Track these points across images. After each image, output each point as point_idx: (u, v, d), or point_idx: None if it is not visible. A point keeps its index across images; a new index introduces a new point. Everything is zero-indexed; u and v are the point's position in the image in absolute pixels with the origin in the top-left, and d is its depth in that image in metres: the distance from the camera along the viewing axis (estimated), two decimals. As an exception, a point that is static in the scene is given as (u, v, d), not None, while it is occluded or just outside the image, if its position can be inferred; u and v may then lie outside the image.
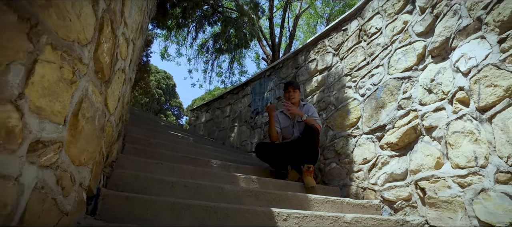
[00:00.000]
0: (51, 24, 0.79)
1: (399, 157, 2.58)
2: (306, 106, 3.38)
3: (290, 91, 3.36)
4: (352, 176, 3.00)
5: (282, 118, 3.41)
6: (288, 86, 3.39)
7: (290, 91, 3.36)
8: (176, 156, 2.90)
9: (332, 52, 3.82)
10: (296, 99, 3.36)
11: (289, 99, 3.36)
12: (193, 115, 6.99)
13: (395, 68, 2.84)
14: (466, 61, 2.13)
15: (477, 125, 1.98)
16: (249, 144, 4.93)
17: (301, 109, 3.31)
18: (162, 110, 20.90)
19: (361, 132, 3.04)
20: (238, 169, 3.08)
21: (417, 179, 2.35)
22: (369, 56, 3.22)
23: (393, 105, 2.75)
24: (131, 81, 2.61)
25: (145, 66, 10.41)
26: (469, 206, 1.93)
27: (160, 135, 3.69)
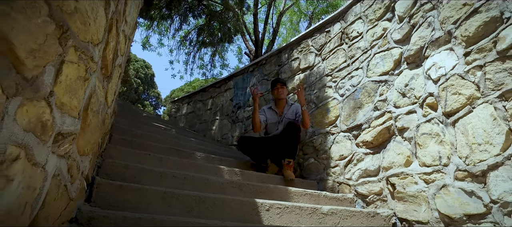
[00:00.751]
0: (75, 28, 0.88)
1: (373, 154, 2.79)
2: (294, 106, 3.53)
3: (278, 88, 3.49)
4: (329, 171, 3.19)
5: (270, 113, 3.54)
6: (276, 83, 3.53)
7: (278, 88, 3.49)
8: (162, 147, 2.98)
9: (315, 52, 3.98)
10: (284, 95, 3.51)
11: (278, 95, 3.50)
12: (174, 107, 7.01)
13: (373, 72, 3.04)
14: (436, 69, 2.34)
15: (442, 128, 2.19)
16: (230, 137, 5.05)
17: (289, 109, 3.48)
18: (140, 100, 20.56)
19: (339, 130, 3.23)
20: (221, 162, 3.20)
21: (388, 175, 2.56)
22: (349, 58, 3.41)
23: (370, 106, 2.94)
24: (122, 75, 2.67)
25: (125, 54, 10.21)
26: (432, 200, 2.15)
27: (144, 126, 3.74)
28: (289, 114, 3.48)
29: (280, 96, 3.49)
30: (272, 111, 3.57)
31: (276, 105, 3.58)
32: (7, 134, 0.63)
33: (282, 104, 3.55)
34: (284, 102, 3.55)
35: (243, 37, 9.39)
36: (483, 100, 1.96)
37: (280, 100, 3.53)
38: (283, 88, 3.50)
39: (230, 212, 1.94)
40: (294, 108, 3.51)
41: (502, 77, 1.87)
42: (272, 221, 2.03)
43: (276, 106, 3.57)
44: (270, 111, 3.58)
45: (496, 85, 1.90)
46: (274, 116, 3.53)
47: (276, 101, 3.58)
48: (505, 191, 1.73)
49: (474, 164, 1.93)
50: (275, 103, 3.59)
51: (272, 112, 3.57)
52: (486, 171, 1.85)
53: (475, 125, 1.97)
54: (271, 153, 3.33)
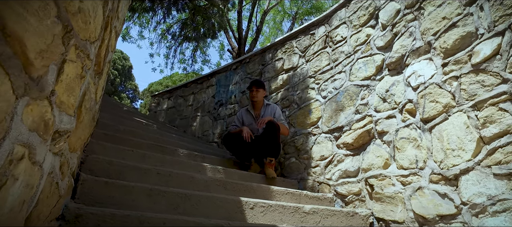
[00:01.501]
0: (77, 28, 0.88)
1: (353, 156, 2.89)
2: (271, 107, 3.55)
3: (253, 91, 3.50)
4: (310, 171, 3.27)
5: (246, 116, 3.60)
6: (252, 86, 3.53)
7: (253, 91, 3.50)
8: (144, 143, 2.96)
9: (299, 54, 4.05)
10: (259, 98, 3.51)
11: (252, 98, 3.54)
12: (154, 101, 6.91)
13: (355, 76, 3.14)
14: (416, 77, 2.45)
15: (420, 133, 2.31)
16: (211, 134, 5.06)
17: (266, 109, 3.52)
18: (116, 92, 20.03)
19: (321, 131, 3.32)
20: (204, 159, 3.21)
21: (367, 176, 2.66)
22: (333, 61, 3.50)
23: (351, 109, 3.04)
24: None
25: (103, 45, 9.92)
26: (408, 201, 2.27)
27: (126, 121, 3.68)
28: (266, 115, 3.49)
29: (254, 99, 3.53)
30: (248, 114, 3.62)
31: (253, 107, 3.60)
32: (15, 134, 0.63)
33: (259, 106, 3.58)
34: (260, 103, 3.57)
35: (226, 34, 9.35)
36: (458, 109, 2.08)
37: (255, 102, 3.56)
38: (259, 91, 3.50)
39: (215, 209, 1.97)
40: (271, 108, 3.54)
41: (476, 88, 2.00)
42: (256, 219, 2.08)
43: (253, 108, 3.60)
44: (247, 113, 3.62)
45: (470, 96, 2.02)
46: (250, 119, 3.58)
47: (252, 103, 3.61)
48: (474, 194, 1.86)
49: (448, 168, 2.05)
50: (252, 105, 3.63)
51: (248, 114, 3.61)
52: (458, 175, 1.98)
53: (450, 132, 2.09)
54: (254, 153, 3.37)
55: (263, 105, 3.56)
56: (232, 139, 3.42)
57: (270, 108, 3.54)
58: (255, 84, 3.53)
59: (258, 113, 3.56)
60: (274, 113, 3.49)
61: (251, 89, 3.53)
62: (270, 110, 3.52)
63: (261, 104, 3.58)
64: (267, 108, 3.54)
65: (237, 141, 3.39)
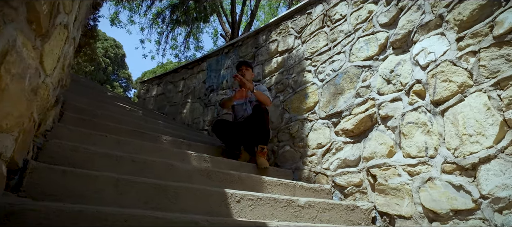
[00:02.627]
0: None
1: (353, 144, 2.63)
2: (258, 87, 3.36)
3: (243, 69, 3.32)
4: (305, 160, 3.01)
5: None
6: (241, 65, 3.37)
7: (242, 69, 3.33)
8: (123, 129, 2.67)
9: (295, 35, 3.76)
10: (247, 77, 3.29)
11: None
12: (143, 88, 6.59)
13: (356, 56, 2.85)
14: (425, 55, 2.18)
15: (430, 117, 2.04)
16: (201, 121, 4.77)
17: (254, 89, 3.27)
18: (109, 81, 19.54)
19: (318, 117, 3.05)
20: (190, 147, 2.93)
21: (369, 166, 2.40)
22: (331, 41, 3.21)
23: (352, 93, 2.77)
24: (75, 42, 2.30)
25: (91, 31, 9.54)
26: (416, 194, 2.01)
27: (107, 106, 3.38)
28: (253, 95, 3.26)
29: None
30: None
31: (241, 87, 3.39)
32: None
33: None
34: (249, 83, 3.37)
35: (219, 19, 8.97)
36: (476, 89, 1.81)
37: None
38: (248, 70, 3.33)
39: (195, 203, 1.69)
40: (259, 88, 3.32)
41: (498, 64, 1.73)
42: (243, 214, 1.81)
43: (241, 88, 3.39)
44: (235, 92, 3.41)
45: (491, 73, 1.75)
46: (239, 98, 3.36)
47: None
48: (497, 186, 1.60)
49: (464, 157, 1.79)
50: (240, 85, 3.36)
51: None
52: (477, 164, 1.72)
53: (467, 114, 1.82)
54: (243, 139, 3.10)
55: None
56: (222, 124, 3.16)
57: (258, 87, 3.34)
58: (244, 64, 3.39)
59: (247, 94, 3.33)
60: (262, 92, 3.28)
61: (240, 68, 3.35)
62: (258, 89, 3.29)
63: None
64: (255, 87, 3.30)
65: (226, 126, 3.15)
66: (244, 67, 3.34)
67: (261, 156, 2.86)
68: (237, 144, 3.16)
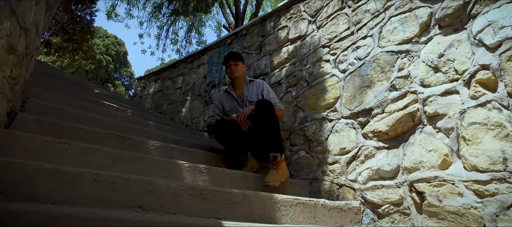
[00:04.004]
0: None
1: (389, 149, 2.06)
2: (257, 83, 2.78)
3: (231, 65, 2.72)
4: (325, 169, 2.45)
5: (227, 100, 2.82)
6: (228, 59, 2.74)
7: (230, 65, 2.72)
8: (99, 133, 2.13)
9: (308, 19, 3.19)
10: (239, 72, 2.73)
11: (230, 75, 2.75)
12: (139, 85, 6.07)
13: (388, 40, 2.29)
14: (495, 31, 1.60)
15: (509, 116, 1.47)
16: (201, 121, 4.23)
17: (249, 88, 2.75)
18: (111, 79, 19.07)
19: (340, 116, 2.49)
20: (183, 154, 2.40)
21: (413, 179, 1.84)
22: (354, 24, 2.64)
23: (384, 85, 2.20)
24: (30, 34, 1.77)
25: (88, 26, 9.08)
26: (491, 223, 1.44)
27: (89, 105, 2.86)
28: (251, 94, 2.73)
29: (233, 75, 2.73)
30: (228, 96, 2.83)
31: (233, 87, 2.82)
32: None
33: (240, 84, 2.80)
34: (242, 80, 2.79)
35: (222, 9, 8.38)
36: None
37: (235, 80, 2.78)
38: (237, 65, 2.72)
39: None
40: (256, 85, 2.76)
41: None
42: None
43: (233, 88, 2.82)
44: (227, 96, 2.84)
45: None
46: (231, 102, 2.79)
47: (232, 82, 2.83)
48: None
49: None
50: (232, 85, 2.84)
51: (228, 97, 2.83)
52: None
53: None
54: (250, 143, 2.54)
55: (245, 83, 2.79)
56: (223, 125, 2.56)
57: (254, 85, 2.77)
58: (232, 57, 2.74)
59: (240, 93, 2.78)
60: (261, 91, 2.72)
61: (227, 64, 2.74)
62: (255, 87, 2.75)
63: (243, 81, 2.80)
64: (250, 85, 2.78)
65: (227, 127, 2.53)
66: (232, 61, 2.72)
67: (274, 169, 2.24)
68: (242, 149, 2.57)
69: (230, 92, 2.81)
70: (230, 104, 2.77)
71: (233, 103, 2.76)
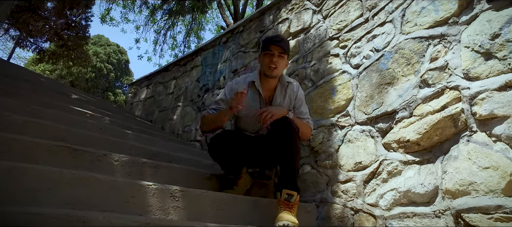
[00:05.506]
0: None
1: (421, 165, 1.56)
2: (292, 89, 1.99)
3: (274, 54, 1.86)
4: (336, 189, 1.94)
5: (250, 95, 1.98)
6: (272, 44, 1.87)
7: (274, 54, 1.86)
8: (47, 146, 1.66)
9: (312, 9, 2.72)
10: (279, 70, 1.91)
11: (269, 69, 1.88)
12: (131, 91, 5.63)
13: (415, 24, 1.80)
14: None
15: None
16: (193, 130, 3.74)
17: (283, 93, 1.98)
18: (111, 88, 18.74)
19: (353, 121, 1.99)
20: (156, 171, 1.91)
21: (460, 208, 1.33)
22: (368, 10, 2.16)
23: (411, 81, 1.71)
24: None
25: (83, 31, 8.73)
26: None
27: (49, 111, 2.40)
28: (283, 103, 1.98)
29: (272, 73, 1.88)
30: (252, 91, 2.00)
31: (263, 82, 1.98)
32: None
33: (273, 84, 1.98)
34: (276, 81, 1.98)
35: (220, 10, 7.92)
36: None
37: (270, 78, 1.94)
38: (283, 58, 1.89)
39: None
40: (291, 91, 1.98)
41: None
42: None
43: (262, 83, 1.98)
44: (250, 90, 1.99)
45: None
46: (254, 100, 1.98)
47: (263, 77, 1.98)
48: None
49: None
50: (260, 78, 2.00)
51: (252, 92, 2.00)
52: None
53: None
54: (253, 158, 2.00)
55: (280, 83, 1.99)
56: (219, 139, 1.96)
57: (289, 90, 1.98)
58: (277, 42, 1.86)
59: (270, 95, 2.00)
60: (294, 100, 1.99)
61: (268, 50, 1.88)
62: (289, 94, 1.98)
63: (277, 81, 1.98)
64: (285, 90, 1.99)
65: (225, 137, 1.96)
66: (276, 48, 1.85)
67: (286, 210, 1.59)
68: (237, 164, 2.01)
69: (257, 87, 1.96)
70: (251, 102, 1.96)
71: (255, 102, 1.97)
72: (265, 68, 1.90)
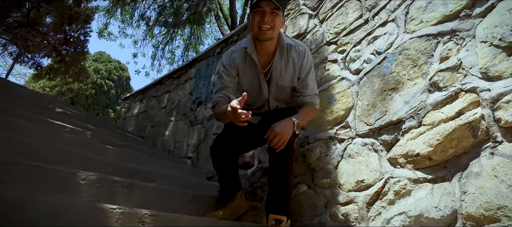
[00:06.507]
0: None
1: (434, 183, 1.31)
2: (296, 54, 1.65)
3: (265, 12, 1.51)
4: (336, 211, 1.69)
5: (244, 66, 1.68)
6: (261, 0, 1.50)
7: (264, 11, 1.51)
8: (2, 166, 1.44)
9: (308, 13, 2.53)
10: (274, 31, 1.55)
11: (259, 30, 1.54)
12: (124, 106, 5.44)
13: (420, 21, 1.59)
14: None
15: None
16: (184, 146, 3.51)
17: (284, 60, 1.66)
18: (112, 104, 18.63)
19: (354, 134, 1.75)
20: (129, 191, 1.67)
21: (486, 237, 1.08)
22: (368, 10, 1.96)
23: (419, 84, 1.48)
24: None
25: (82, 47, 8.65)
26: None
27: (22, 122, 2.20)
28: (284, 74, 1.67)
29: (265, 35, 1.54)
30: (248, 62, 1.68)
31: (258, 49, 1.65)
32: None
33: (270, 48, 1.65)
34: (274, 43, 1.64)
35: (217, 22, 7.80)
36: None
37: (264, 42, 1.60)
38: (277, 15, 1.53)
39: None
40: (294, 59, 1.65)
41: None
42: None
43: (258, 50, 1.65)
44: (245, 61, 1.68)
45: None
46: (251, 72, 1.69)
47: (256, 41, 1.64)
48: None
49: None
50: (254, 45, 1.65)
51: (248, 63, 1.68)
52: None
53: None
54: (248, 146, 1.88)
55: (279, 48, 1.65)
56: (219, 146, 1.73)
57: (291, 58, 1.66)
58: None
59: (266, 62, 1.68)
60: (298, 69, 1.67)
61: (258, 8, 1.51)
62: (292, 63, 1.66)
63: (275, 43, 1.64)
64: (286, 57, 1.66)
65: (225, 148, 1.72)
66: (266, 6, 1.50)
67: None
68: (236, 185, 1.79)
69: (250, 54, 1.63)
70: (249, 76, 1.68)
71: (253, 76, 1.68)
72: (255, 30, 1.55)
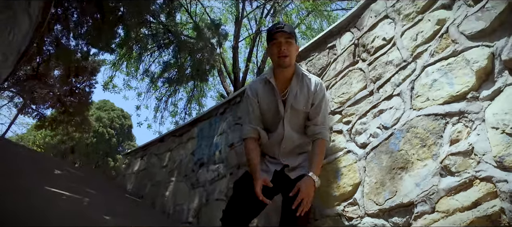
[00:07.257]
0: None
1: None
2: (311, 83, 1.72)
3: (281, 42, 1.62)
4: None
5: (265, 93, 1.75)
6: (275, 32, 1.64)
7: (280, 42, 1.63)
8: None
9: (311, 79, 2.54)
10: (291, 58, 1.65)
11: (279, 61, 1.65)
12: (125, 162, 5.37)
13: (427, 98, 1.58)
14: None
15: None
16: (185, 209, 3.38)
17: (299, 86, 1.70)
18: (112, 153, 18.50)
19: (363, 212, 1.67)
20: None
21: None
22: (372, 81, 1.97)
23: (429, 166, 1.43)
24: None
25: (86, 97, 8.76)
26: None
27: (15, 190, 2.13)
28: (299, 98, 1.70)
29: (284, 62, 1.64)
30: (266, 87, 1.75)
31: (276, 76, 1.73)
32: None
33: (288, 75, 1.72)
34: (291, 70, 1.71)
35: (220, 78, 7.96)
36: None
37: (282, 69, 1.69)
38: (291, 44, 1.64)
39: None
40: (308, 87, 1.71)
41: None
42: None
43: (276, 78, 1.73)
44: (264, 86, 1.76)
45: None
46: (269, 96, 1.74)
47: (275, 69, 1.74)
48: None
49: None
50: (273, 72, 1.74)
51: (266, 88, 1.75)
52: None
53: None
54: None
55: (295, 74, 1.72)
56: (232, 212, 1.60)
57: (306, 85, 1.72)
58: (282, 28, 1.64)
59: (284, 88, 1.72)
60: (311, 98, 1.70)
61: (274, 39, 1.65)
62: (307, 89, 1.71)
63: (292, 71, 1.72)
64: (302, 83, 1.72)
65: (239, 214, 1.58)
66: (282, 35, 1.63)
67: None
68: None
69: (269, 80, 1.72)
70: (268, 99, 1.74)
71: (271, 99, 1.73)
72: (275, 59, 1.68)
